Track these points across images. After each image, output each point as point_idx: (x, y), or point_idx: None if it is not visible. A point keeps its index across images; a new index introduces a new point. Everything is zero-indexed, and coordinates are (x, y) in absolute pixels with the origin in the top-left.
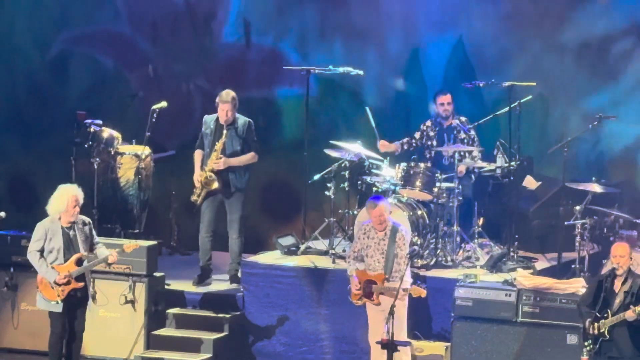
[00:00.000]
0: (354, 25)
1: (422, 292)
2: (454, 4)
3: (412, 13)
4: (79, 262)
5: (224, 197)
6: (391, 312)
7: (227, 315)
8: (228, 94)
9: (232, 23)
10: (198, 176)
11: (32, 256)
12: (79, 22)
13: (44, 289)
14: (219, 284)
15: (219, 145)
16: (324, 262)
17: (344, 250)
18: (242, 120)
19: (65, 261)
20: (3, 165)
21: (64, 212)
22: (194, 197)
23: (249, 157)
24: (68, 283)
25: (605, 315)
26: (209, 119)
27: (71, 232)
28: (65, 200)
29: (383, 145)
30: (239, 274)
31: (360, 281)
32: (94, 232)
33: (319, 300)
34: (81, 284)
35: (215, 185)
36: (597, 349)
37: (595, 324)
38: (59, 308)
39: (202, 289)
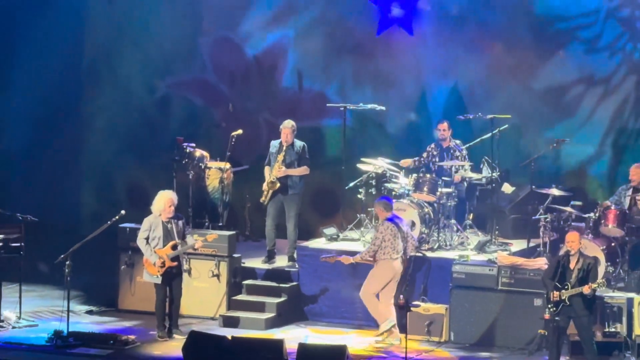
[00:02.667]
0: (379, 73)
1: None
2: (451, 57)
3: (422, 64)
4: (174, 247)
5: (283, 197)
6: (404, 280)
7: (286, 285)
8: (289, 122)
9: (289, 73)
10: (266, 183)
11: (140, 242)
12: (177, 72)
13: (148, 266)
14: (281, 262)
15: (280, 158)
16: (357, 247)
17: (371, 238)
18: (298, 143)
19: (164, 246)
20: (123, 177)
21: (163, 210)
22: (262, 199)
23: (302, 170)
24: (164, 263)
25: (566, 286)
26: (275, 142)
27: (169, 225)
28: (163, 201)
29: (404, 162)
30: (295, 256)
31: None
32: (186, 225)
33: (354, 274)
34: (175, 263)
35: (277, 186)
36: (558, 311)
37: (557, 293)
38: (159, 280)
39: (268, 266)
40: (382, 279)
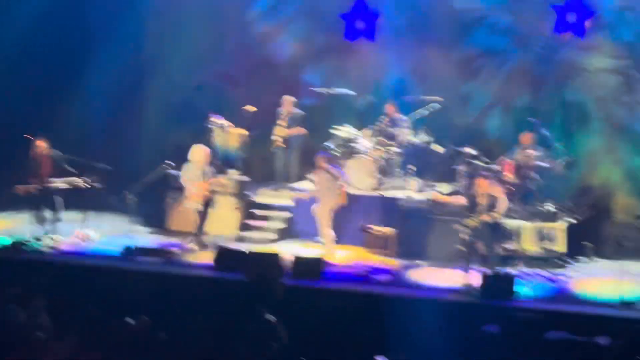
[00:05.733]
0: (350, 68)
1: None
2: (399, 57)
3: (378, 62)
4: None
5: (287, 150)
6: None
7: (286, 215)
8: (290, 97)
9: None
10: (275, 139)
11: (184, 181)
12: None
13: (193, 196)
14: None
15: (282, 123)
16: None
17: None
18: (297, 111)
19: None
20: (171, 145)
21: (200, 156)
22: (274, 146)
23: (297, 129)
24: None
25: (477, 216)
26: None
27: (205, 168)
28: (200, 151)
29: (364, 132)
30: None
31: None
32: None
33: None
34: (210, 194)
35: (281, 143)
36: (471, 233)
37: (471, 220)
38: (199, 206)
39: (273, 201)
40: (326, 207)
